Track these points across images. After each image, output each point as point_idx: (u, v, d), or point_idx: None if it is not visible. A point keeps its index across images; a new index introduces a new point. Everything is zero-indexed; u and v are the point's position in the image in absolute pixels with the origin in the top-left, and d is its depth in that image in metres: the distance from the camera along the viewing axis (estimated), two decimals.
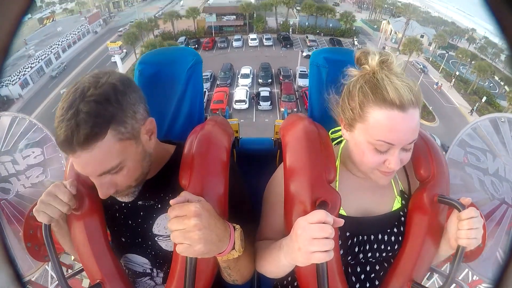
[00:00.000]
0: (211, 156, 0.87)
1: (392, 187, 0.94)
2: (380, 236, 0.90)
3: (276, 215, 0.91)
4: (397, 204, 0.93)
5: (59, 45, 34.00)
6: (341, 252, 0.86)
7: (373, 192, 0.92)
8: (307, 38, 35.30)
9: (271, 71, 27.66)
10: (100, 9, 43.08)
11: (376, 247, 0.90)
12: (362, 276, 0.91)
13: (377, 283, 0.92)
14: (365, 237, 0.90)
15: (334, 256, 0.69)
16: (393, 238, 0.91)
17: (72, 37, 36.17)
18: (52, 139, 1.24)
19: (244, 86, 25.29)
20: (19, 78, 27.89)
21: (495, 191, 1.16)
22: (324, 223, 0.68)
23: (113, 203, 0.91)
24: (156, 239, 0.92)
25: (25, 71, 28.80)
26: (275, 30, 37.62)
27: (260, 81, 26.39)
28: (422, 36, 34.49)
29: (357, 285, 0.90)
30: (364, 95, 0.78)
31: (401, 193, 0.95)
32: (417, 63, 31.52)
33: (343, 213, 0.89)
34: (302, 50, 28.89)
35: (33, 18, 37.51)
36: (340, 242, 0.86)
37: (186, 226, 0.67)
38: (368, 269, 0.92)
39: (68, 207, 0.81)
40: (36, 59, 30.61)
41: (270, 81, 26.42)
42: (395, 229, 0.91)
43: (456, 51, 33.09)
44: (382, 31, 39.31)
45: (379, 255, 0.91)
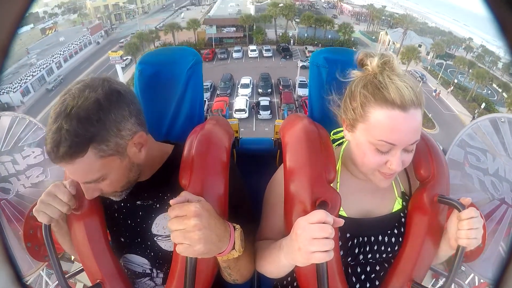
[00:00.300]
0: (211, 156, 0.87)
1: (393, 189, 0.94)
2: (381, 238, 0.90)
3: (276, 216, 0.91)
4: (397, 206, 0.93)
5: (60, 54, 34.28)
6: (341, 253, 0.86)
7: (373, 193, 0.91)
8: (306, 49, 35.63)
9: (270, 81, 27.76)
10: (102, 20, 43.59)
11: (376, 248, 0.89)
12: (363, 277, 0.90)
13: (377, 283, 0.91)
14: (366, 238, 0.89)
15: (334, 256, 0.69)
16: (394, 239, 0.90)
17: (74, 47, 36.51)
18: None
19: (244, 96, 25.35)
20: (20, 86, 28.07)
21: (495, 191, 1.16)
22: (324, 223, 0.68)
23: (111, 203, 0.91)
24: (155, 239, 0.92)
25: (26, 79, 28.98)
26: (275, 41, 38.00)
27: (260, 90, 26.48)
28: (420, 46, 34.92)
29: (357, 285, 0.90)
30: (365, 95, 0.78)
31: (402, 194, 0.95)
32: (415, 72, 31.78)
33: (344, 214, 0.88)
34: (302, 60, 29.09)
35: (35, 28, 38.01)
36: (340, 243, 0.85)
37: (186, 226, 0.67)
38: (368, 269, 0.91)
39: (68, 207, 0.81)
40: (38, 68, 30.83)
41: (270, 90, 26.52)
42: (396, 230, 0.91)
43: (454, 59, 33.46)
44: (380, 41, 39.79)
45: (379, 256, 0.91)
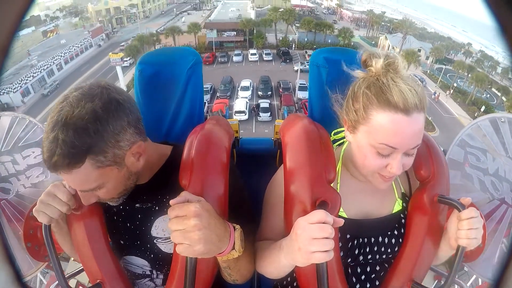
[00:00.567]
0: (211, 156, 0.87)
1: (393, 190, 0.94)
2: (381, 239, 0.90)
3: (276, 216, 0.90)
4: (397, 207, 0.93)
5: (61, 56, 34.41)
6: (341, 254, 0.85)
7: (374, 194, 0.91)
8: (306, 53, 35.79)
9: (270, 84, 27.82)
10: (103, 24, 43.77)
11: (376, 249, 0.89)
12: (363, 277, 0.90)
13: (377, 283, 0.91)
14: (366, 239, 0.89)
15: (334, 256, 0.68)
16: (393, 240, 0.90)
17: (74, 49, 36.64)
18: None
19: (244, 98, 25.40)
20: (20, 87, 28.16)
21: (495, 191, 1.16)
22: (324, 223, 0.67)
23: (110, 206, 0.90)
24: (154, 241, 0.91)
25: (26, 79, 29.05)
26: (275, 46, 38.19)
27: (260, 93, 26.55)
28: (419, 50, 35.06)
29: (357, 285, 0.89)
30: (368, 98, 0.77)
31: (402, 195, 0.95)
32: (415, 76, 31.83)
33: (344, 215, 0.88)
34: (301, 62, 29.18)
35: (37, 30, 38.16)
36: (340, 244, 0.85)
37: (186, 226, 0.67)
38: (368, 269, 0.91)
39: (67, 206, 0.81)
40: (38, 69, 30.91)
41: (269, 93, 26.57)
42: (396, 232, 0.91)
43: (453, 63, 33.59)
44: (380, 46, 39.91)
45: (379, 257, 0.90)
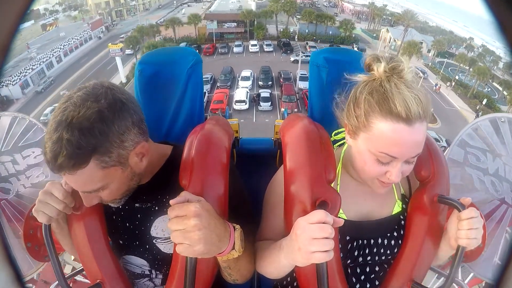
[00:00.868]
0: (211, 156, 0.87)
1: (393, 191, 0.93)
2: (380, 240, 0.90)
3: (277, 216, 0.90)
4: (397, 208, 0.92)
5: (61, 49, 34.15)
6: (341, 255, 0.85)
7: (373, 196, 0.91)
8: (307, 45, 35.67)
9: (271, 74, 27.65)
10: (103, 16, 43.39)
11: (375, 250, 0.89)
12: (362, 277, 0.91)
13: (377, 283, 0.91)
14: (365, 241, 0.89)
15: (334, 256, 0.68)
16: (393, 242, 0.90)
17: (74, 42, 36.37)
18: None
19: (244, 88, 25.24)
20: (19, 79, 27.98)
21: (495, 191, 1.16)
22: (324, 223, 0.67)
23: (109, 205, 0.90)
24: (154, 241, 0.92)
25: (26, 72, 28.86)
26: (276, 37, 37.93)
27: (260, 83, 26.40)
28: (421, 43, 34.74)
29: (357, 285, 0.90)
30: (370, 104, 0.75)
31: (402, 197, 0.95)
32: (416, 68, 31.67)
33: (344, 217, 0.88)
34: (298, 54, 28.91)
35: (36, 24, 37.77)
36: (340, 246, 0.85)
37: (186, 226, 0.67)
38: (367, 270, 0.91)
39: (64, 204, 0.80)
40: (37, 62, 30.70)
41: (270, 83, 26.43)
42: (395, 233, 0.91)
43: (455, 56, 33.36)
44: (381, 39, 39.59)
45: (378, 258, 0.91)
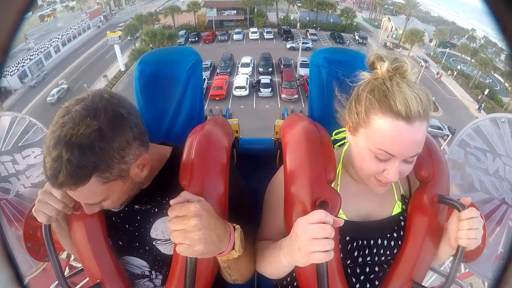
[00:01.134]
0: (211, 156, 0.87)
1: (393, 192, 0.94)
2: (380, 241, 0.90)
3: (277, 216, 0.91)
4: (397, 209, 0.93)
5: (59, 38, 33.75)
6: (340, 256, 0.86)
7: (373, 197, 0.91)
8: (308, 32, 35.31)
9: (271, 60, 27.40)
10: (101, 6, 42.78)
11: (375, 251, 0.90)
12: (362, 277, 0.91)
13: (377, 283, 0.92)
14: (365, 241, 0.90)
15: (334, 256, 0.69)
16: (393, 242, 0.91)
17: (72, 31, 35.88)
18: None
19: (244, 74, 25.07)
20: (17, 70, 27.70)
21: (495, 191, 1.15)
22: (324, 223, 0.68)
23: None
24: (154, 243, 0.92)
25: (24, 62, 28.56)
26: (276, 25, 37.49)
27: (260, 70, 26.23)
28: (423, 31, 34.29)
29: (357, 285, 0.91)
30: (371, 101, 0.75)
31: (402, 197, 0.95)
32: (418, 57, 31.35)
33: (344, 217, 0.88)
34: (302, 39, 28.59)
35: (34, 15, 37.18)
36: (340, 246, 0.85)
37: (186, 226, 0.67)
38: (367, 270, 0.92)
39: (63, 204, 0.80)
40: (36, 52, 30.35)
41: (270, 70, 26.23)
42: (395, 234, 0.91)
43: (457, 46, 33.00)
44: (382, 27, 39.05)
45: (378, 258, 0.91)
